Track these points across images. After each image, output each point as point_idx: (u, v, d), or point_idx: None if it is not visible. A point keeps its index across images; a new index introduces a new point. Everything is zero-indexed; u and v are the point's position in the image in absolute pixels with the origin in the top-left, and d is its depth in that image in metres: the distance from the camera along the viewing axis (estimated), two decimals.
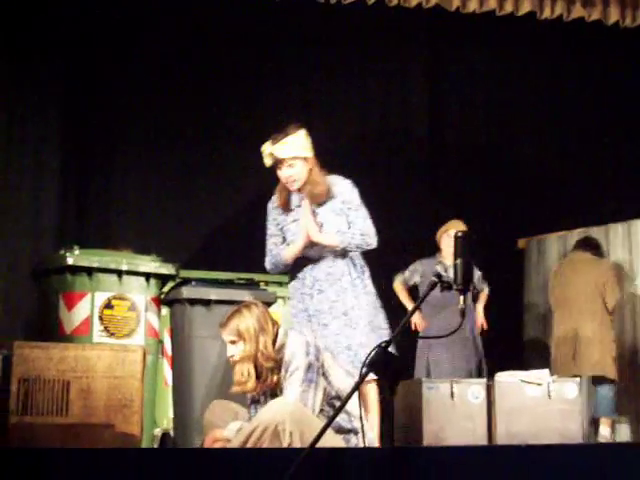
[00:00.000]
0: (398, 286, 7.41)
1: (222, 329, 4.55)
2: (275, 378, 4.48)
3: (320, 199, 5.25)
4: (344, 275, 5.22)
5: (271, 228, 5.42)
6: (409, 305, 7.29)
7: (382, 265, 7.84)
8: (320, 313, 5.16)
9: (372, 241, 5.28)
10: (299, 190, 5.29)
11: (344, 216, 5.26)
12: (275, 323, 4.59)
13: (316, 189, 5.24)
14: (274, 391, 4.52)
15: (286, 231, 5.34)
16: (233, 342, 4.51)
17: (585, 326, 7.18)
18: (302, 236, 5.19)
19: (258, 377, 4.46)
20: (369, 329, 5.17)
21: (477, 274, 7.47)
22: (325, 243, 5.18)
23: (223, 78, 8.06)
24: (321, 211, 5.26)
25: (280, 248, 5.34)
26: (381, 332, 5.20)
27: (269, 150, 5.24)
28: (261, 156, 8.07)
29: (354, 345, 5.08)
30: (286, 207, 5.34)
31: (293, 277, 5.37)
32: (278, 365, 4.48)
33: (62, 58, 7.75)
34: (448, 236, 7.18)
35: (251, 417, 4.57)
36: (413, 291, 7.39)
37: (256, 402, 4.61)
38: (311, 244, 5.20)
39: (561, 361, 7.21)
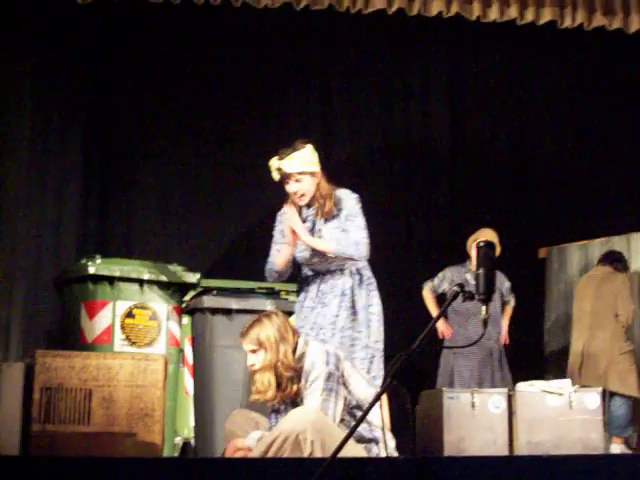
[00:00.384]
0: (426, 293, 7.41)
1: (242, 338, 4.56)
2: (295, 387, 4.48)
3: (328, 215, 5.25)
4: (346, 289, 5.20)
5: (276, 236, 5.44)
6: (435, 313, 7.30)
7: (405, 272, 7.95)
8: (320, 328, 5.13)
9: (363, 253, 5.19)
10: (308, 205, 5.29)
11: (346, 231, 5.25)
12: (295, 332, 4.59)
13: (325, 206, 5.24)
14: (294, 400, 4.51)
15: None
16: (253, 351, 4.51)
17: (594, 339, 7.16)
18: (288, 240, 5.19)
19: (278, 386, 4.46)
20: (366, 345, 5.16)
21: (506, 284, 7.47)
22: (318, 248, 5.15)
23: (245, 89, 8.08)
24: (326, 227, 5.24)
25: (273, 255, 5.34)
26: (378, 345, 5.21)
27: (276, 165, 5.26)
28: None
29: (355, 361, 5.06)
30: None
31: (300, 291, 5.37)
32: (298, 374, 4.47)
33: (86, 70, 7.78)
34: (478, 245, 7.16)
35: (272, 426, 4.58)
36: (442, 298, 7.39)
37: (277, 412, 4.61)
38: (314, 254, 5.19)
39: (570, 374, 7.18)
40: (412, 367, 3.26)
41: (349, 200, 5.30)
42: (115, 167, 7.89)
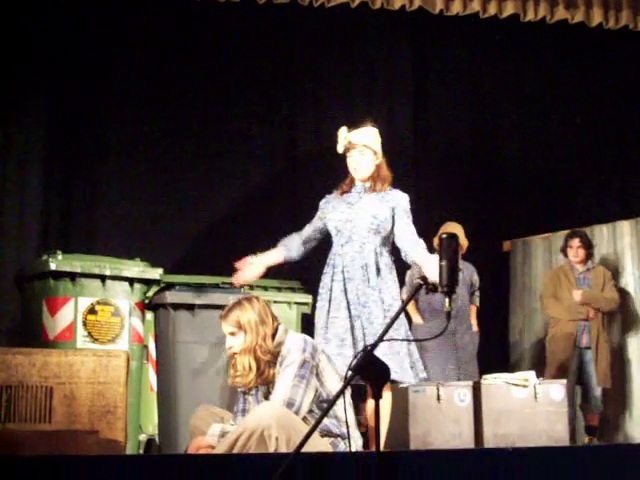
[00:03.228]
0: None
1: (222, 320, 4.54)
2: (272, 372, 4.48)
3: (374, 190, 5.29)
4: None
5: (318, 213, 5.45)
6: (415, 317, 7.29)
7: None
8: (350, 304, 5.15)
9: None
10: (363, 181, 5.32)
11: (391, 212, 5.26)
12: (275, 318, 4.58)
13: (376, 182, 5.30)
14: (269, 384, 4.50)
15: (329, 205, 5.36)
16: (232, 334, 4.50)
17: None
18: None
19: (257, 370, 4.45)
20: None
21: (475, 276, 7.52)
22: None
23: (204, 83, 8.03)
24: (368, 197, 5.28)
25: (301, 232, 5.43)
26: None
27: (344, 134, 5.32)
28: (244, 161, 8.12)
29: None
30: (342, 194, 5.37)
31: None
32: (275, 359, 4.47)
33: (46, 65, 7.70)
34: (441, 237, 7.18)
35: (239, 411, 4.58)
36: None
37: (243, 411, 4.59)
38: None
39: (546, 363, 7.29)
40: (374, 362, 3.25)
41: (401, 193, 5.36)
42: (77, 162, 7.82)
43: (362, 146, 5.29)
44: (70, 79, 7.77)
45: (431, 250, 7.30)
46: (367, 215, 5.21)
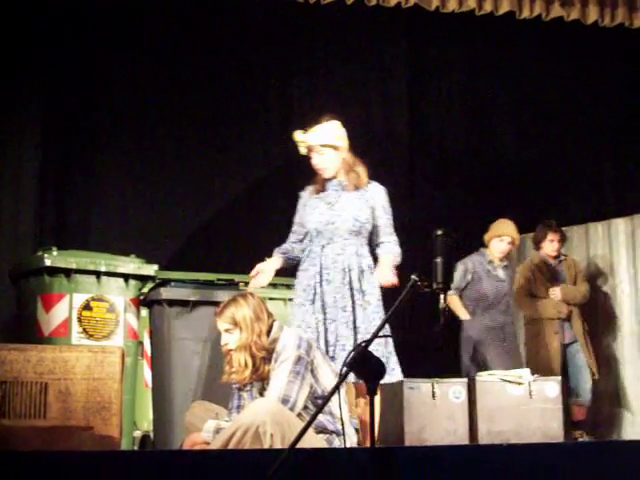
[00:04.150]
0: (452, 297, 7.19)
1: (217, 317, 4.55)
2: (267, 368, 4.48)
3: (348, 187, 5.24)
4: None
5: (296, 215, 5.41)
6: (463, 313, 7.21)
7: None
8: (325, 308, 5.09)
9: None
10: (331, 179, 5.27)
11: (370, 210, 5.22)
12: (270, 314, 4.59)
13: (348, 176, 5.24)
14: (263, 381, 4.50)
15: (307, 207, 5.31)
16: (228, 330, 4.51)
17: None
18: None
19: (252, 366, 4.45)
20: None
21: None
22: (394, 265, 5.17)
23: (202, 80, 8.01)
24: (346, 195, 5.23)
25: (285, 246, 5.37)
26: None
27: (300, 137, 5.27)
28: (241, 157, 8.11)
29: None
30: (318, 193, 5.32)
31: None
32: (270, 356, 4.47)
33: (42, 59, 7.68)
34: (500, 241, 7.22)
35: (233, 407, 4.58)
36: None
37: (238, 407, 4.59)
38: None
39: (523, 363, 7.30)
40: (369, 358, 3.25)
41: (379, 187, 5.31)
42: (72, 157, 7.79)
43: (319, 147, 5.22)
44: (67, 73, 7.75)
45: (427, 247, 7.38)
46: (349, 217, 5.17)
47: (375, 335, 3.31)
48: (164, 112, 7.92)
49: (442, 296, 3.38)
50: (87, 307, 5.75)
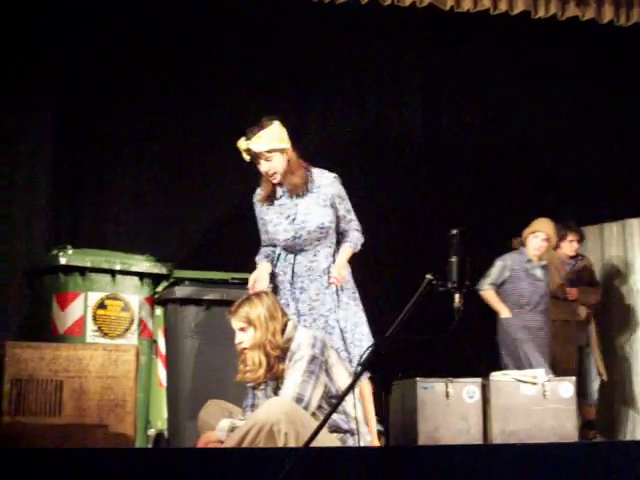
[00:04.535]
0: (488, 293, 7.23)
1: (232, 316, 4.55)
2: (281, 367, 4.48)
3: (298, 190, 5.15)
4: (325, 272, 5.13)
5: (259, 222, 5.35)
6: (503, 310, 7.19)
7: (376, 267, 7.91)
8: (300, 315, 5.06)
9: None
10: (280, 183, 5.20)
11: (330, 208, 5.17)
12: (284, 313, 4.60)
13: (294, 179, 5.14)
14: (278, 379, 4.50)
15: (268, 222, 5.24)
16: (242, 329, 4.51)
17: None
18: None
19: (267, 365, 4.45)
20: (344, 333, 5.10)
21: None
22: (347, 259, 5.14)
23: (211, 79, 8.02)
24: (302, 202, 5.16)
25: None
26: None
27: (244, 146, 5.18)
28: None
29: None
30: (270, 199, 5.26)
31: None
32: (284, 355, 4.47)
33: (55, 68, 7.69)
34: (535, 237, 7.21)
35: (248, 406, 4.59)
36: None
37: (252, 406, 4.60)
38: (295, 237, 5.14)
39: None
40: (386, 357, 3.25)
41: (326, 178, 5.21)
42: (87, 156, 7.81)
43: (265, 153, 5.14)
44: (81, 74, 7.77)
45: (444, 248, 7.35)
46: (313, 226, 5.11)
47: (391, 334, 3.31)
48: (177, 112, 7.92)
49: (457, 295, 3.37)
50: (102, 305, 5.76)
